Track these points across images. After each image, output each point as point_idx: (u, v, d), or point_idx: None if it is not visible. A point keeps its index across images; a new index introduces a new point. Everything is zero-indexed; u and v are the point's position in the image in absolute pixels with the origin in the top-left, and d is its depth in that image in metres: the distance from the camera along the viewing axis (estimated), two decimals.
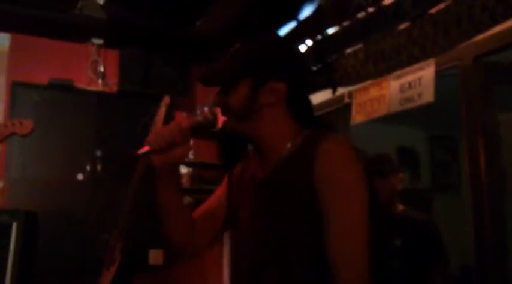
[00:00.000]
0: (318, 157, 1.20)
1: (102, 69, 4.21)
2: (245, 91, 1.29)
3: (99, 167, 3.84)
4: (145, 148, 1.32)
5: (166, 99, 2.87)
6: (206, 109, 1.40)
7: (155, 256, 3.92)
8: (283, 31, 3.68)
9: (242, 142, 1.40)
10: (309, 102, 1.39)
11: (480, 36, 2.39)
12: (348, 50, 3.15)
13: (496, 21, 2.26)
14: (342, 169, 1.19)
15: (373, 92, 2.99)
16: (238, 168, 1.52)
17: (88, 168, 3.82)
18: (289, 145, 1.30)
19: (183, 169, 4.25)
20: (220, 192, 1.54)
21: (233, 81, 1.30)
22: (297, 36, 3.55)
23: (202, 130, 1.39)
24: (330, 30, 3.28)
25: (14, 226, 3.04)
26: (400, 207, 2.74)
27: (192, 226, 1.48)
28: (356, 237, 1.16)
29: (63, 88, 3.96)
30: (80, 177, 3.82)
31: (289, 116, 1.33)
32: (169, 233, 1.46)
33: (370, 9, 2.92)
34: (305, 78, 1.41)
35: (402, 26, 2.74)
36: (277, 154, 1.31)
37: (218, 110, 1.36)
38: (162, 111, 2.54)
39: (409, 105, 2.73)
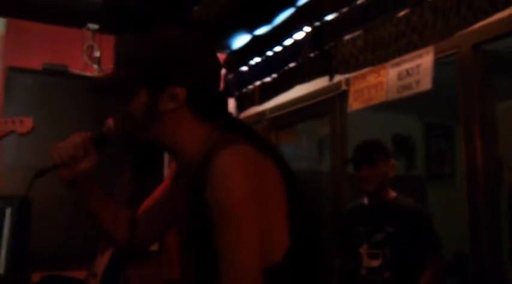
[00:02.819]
0: (209, 175, 1.11)
1: (97, 54, 4.18)
2: (142, 101, 1.21)
3: None
4: (50, 163, 1.28)
5: None
6: (110, 118, 1.33)
7: None
8: (281, 17, 3.66)
9: (151, 148, 1.33)
10: (219, 100, 1.30)
11: (479, 24, 2.37)
12: (347, 37, 3.13)
13: (495, 9, 2.25)
14: (223, 194, 1.09)
15: (371, 79, 2.98)
16: (172, 167, 1.47)
17: None
18: (198, 150, 1.22)
19: None
20: (165, 185, 1.47)
21: (128, 91, 1.22)
22: (294, 22, 3.53)
23: (108, 140, 1.33)
24: (329, 17, 3.26)
25: (8, 211, 3.03)
26: (393, 194, 2.74)
27: (132, 225, 1.44)
28: (235, 266, 1.08)
29: (57, 74, 3.93)
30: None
31: (196, 119, 1.24)
32: (108, 235, 1.43)
33: None
34: (209, 77, 1.27)
35: (401, 13, 2.73)
36: (188, 159, 1.24)
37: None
38: None
39: (406, 93, 2.72)
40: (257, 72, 4.08)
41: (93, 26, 4.13)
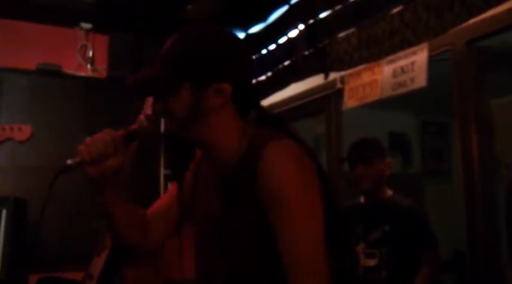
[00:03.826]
0: (259, 169, 1.12)
1: (91, 54, 4.16)
2: (187, 97, 1.17)
3: None
4: (78, 159, 1.23)
5: None
6: (142, 115, 1.32)
7: None
8: (275, 15, 3.64)
9: (189, 146, 1.32)
10: (256, 97, 1.29)
11: (473, 20, 2.36)
12: (341, 34, 3.12)
13: (489, 5, 2.24)
14: (282, 187, 1.10)
15: (366, 77, 2.97)
16: (191, 166, 1.45)
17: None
18: (237, 148, 1.21)
19: None
20: (173, 190, 1.46)
21: (171, 88, 1.18)
22: (288, 20, 3.52)
23: (140, 138, 1.30)
24: (322, 14, 3.24)
25: (4, 213, 3.01)
26: (389, 193, 2.73)
27: (144, 226, 1.41)
28: (305, 254, 1.10)
29: (51, 74, 3.91)
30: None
31: (237, 116, 1.24)
32: (121, 237, 1.40)
33: None
34: (251, 73, 1.28)
35: (395, 10, 2.71)
36: (226, 157, 1.22)
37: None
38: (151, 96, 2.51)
39: (401, 90, 2.71)
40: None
41: (86, 25, 4.10)
